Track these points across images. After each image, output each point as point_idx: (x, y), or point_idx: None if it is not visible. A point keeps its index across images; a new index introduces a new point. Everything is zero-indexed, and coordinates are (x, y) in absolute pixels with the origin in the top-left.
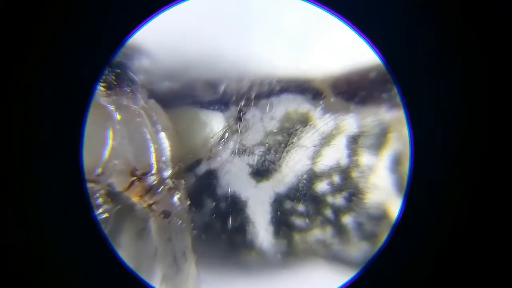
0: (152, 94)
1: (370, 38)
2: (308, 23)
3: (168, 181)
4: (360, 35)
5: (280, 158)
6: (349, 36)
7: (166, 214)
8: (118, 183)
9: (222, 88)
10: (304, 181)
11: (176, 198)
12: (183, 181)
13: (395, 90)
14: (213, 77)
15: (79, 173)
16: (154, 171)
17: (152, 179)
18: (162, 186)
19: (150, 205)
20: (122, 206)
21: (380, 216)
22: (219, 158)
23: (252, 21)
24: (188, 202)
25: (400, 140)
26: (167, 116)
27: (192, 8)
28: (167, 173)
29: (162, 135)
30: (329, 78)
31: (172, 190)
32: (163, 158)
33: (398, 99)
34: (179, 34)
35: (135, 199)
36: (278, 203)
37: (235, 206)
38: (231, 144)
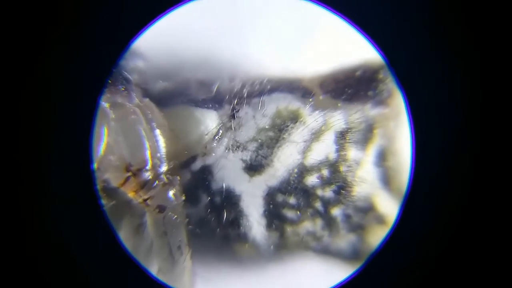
0: (147, 93)
1: (372, 36)
2: (297, 25)
3: (163, 176)
4: (361, 33)
5: (272, 153)
6: (336, 37)
7: (161, 209)
8: (114, 179)
9: (215, 87)
10: (295, 175)
11: (171, 193)
12: (178, 177)
13: (380, 88)
14: (206, 77)
15: (88, 164)
16: (148, 167)
17: (147, 175)
18: (157, 182)
19: (145, 200)
20: (118, 201)
21: (367, 208)
22: (213, 154)
23: (244, 23)
24: (183, 198)
25: (385, 136)
26: (162, 114)
27: (186, 10)
28: (162, 169)
29: (157, 132)
30: (318, 77)
31: (167, 186)
32: (158, 154)
33: (383, 96)
34: (173, 35)
35: (130, 194)
36: (270, 196)
37: (229, 200)
38: (225, 141)
